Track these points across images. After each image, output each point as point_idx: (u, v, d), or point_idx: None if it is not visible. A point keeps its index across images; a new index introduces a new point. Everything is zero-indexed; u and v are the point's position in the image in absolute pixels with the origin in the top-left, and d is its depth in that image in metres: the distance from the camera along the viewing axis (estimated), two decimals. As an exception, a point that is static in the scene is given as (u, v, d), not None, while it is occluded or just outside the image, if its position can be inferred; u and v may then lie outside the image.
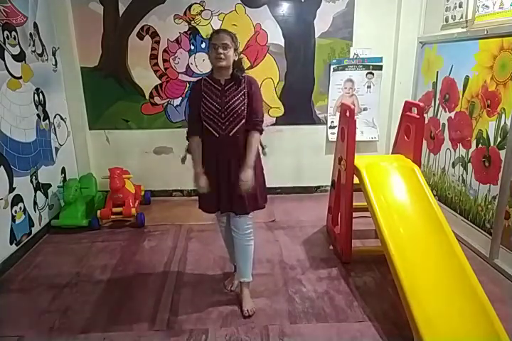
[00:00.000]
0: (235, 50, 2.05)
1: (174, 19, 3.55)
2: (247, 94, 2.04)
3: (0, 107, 2.64)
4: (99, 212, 3.26)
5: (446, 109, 3.17)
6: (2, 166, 2.62)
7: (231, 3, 3.54)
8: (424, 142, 3.12)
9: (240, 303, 2.24)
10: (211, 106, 2.04)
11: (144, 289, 2.43)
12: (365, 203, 2.43)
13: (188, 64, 3.66)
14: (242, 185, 2.01)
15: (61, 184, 3.40)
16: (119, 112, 3.76)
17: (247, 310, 2.18)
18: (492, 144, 2.62)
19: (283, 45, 3.67)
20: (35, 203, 3.03)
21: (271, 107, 3.82)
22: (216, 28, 3.56)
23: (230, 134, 2.05)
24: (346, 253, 2.66)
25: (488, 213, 2.69)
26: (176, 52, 3.63)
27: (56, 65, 3.47)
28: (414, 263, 2.04)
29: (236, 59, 2.07)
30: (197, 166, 2.11)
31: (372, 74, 3.77)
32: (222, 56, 1.97)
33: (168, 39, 3.60)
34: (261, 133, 2.09)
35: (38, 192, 3.09)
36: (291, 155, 3.98)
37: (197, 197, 2.21)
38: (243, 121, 2.05)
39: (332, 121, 3.87)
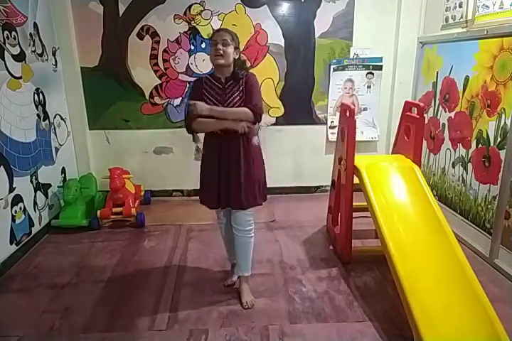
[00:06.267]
0: (236, 48, 2.07)
1: (174, 19, 3.55)
2: (244, 90, 2.06)
3: (0, 107, 2.64)
4: (99, 212, 3.26)
5: (446, 109, 3.17)
6: (2, 166, 2.62)
7: (231, 3, 3.54)
8: (424, 142, 3.12)
9: (239, 298, 2.26)
10: (211, 104, 2.05)
11: (144, 289, 2.43)
12: (365, 203, 2.43)
13: (188, 64, 3.66)
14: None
15: (61, 184, 3.40)
16: (119, 112, 3.76)
17: (247, 302, 2.23)
18: (492, 144, 2.62)
19: (283, 45, 3.67)
20: (35, 203, 3.03)
21: (271, 107, 3.82)
22: (216, 28, 3.55)
23: (230, 131, 2.06)
24: (346, 253, 2.66)
25: (488, 213, 2.69)
26: (175, 52, 3.63)
27: (56, 65, 3.47)
28: (414, 263, 2.04)
29: (237, 57, 2.09)
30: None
31: (372, 74, 3.77)
32: (220, 52, 1.99)
33: (168, 39, 3.59)
34: (255, 121, 2.02)
35: (38, 192, 3.09)
36: (291, 155, 3.98)
37: (197, 196, 2.20)
38: None
39: (332, 121, 3.87)
